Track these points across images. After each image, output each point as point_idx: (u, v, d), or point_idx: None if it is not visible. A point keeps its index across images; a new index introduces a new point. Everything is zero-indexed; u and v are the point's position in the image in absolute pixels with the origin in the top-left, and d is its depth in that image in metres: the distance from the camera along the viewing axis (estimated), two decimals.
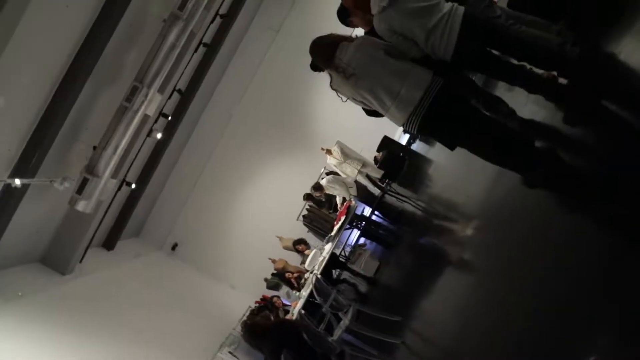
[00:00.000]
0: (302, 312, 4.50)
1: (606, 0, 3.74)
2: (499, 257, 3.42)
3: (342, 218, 7.76)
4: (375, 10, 3.19)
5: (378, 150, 11.45)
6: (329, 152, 9.94)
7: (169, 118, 10.19)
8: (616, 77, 3.05)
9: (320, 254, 8.32)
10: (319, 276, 5.26)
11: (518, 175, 3.29)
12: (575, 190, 2.89)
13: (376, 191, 8.33)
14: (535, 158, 3.15)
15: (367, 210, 8.50)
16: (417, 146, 10.74)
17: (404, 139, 11.27)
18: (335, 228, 8.00)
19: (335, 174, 10.69)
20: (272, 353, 3.65)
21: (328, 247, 8.12)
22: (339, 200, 8.64)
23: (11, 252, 7.77)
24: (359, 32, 3.88)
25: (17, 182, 6.05)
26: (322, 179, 10.01)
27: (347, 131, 11.46)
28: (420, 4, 3.11)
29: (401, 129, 3.52)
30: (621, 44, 3.22)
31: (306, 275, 8.83)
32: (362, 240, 9.59)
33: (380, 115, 3.47)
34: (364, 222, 8.21)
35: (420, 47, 3.20)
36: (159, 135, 9.99)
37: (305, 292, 7.49)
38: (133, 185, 10.04)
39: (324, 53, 3.33)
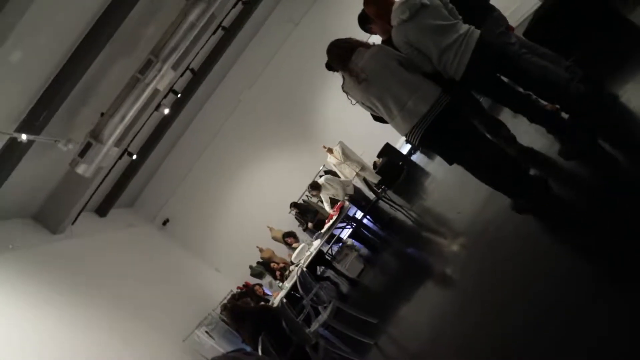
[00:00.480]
0: (284, 300, 4.63)
1: (616, 43, 3.87)
2: (479, 277, 3.55)
3: (334, 217, 7.88)
4: (395, 22, 3.31)
5: (378, 156, 11.57)
6: (330, 151, 10.07)
7: (179, 95, 10.27)
8: (615, 119, 3.18)
9: (307, 249, 8.44)
10: (304, 270, 5.38)
11: (508, 198, 3.42)
12: (560, 221, 3.02)
13: (371, 195, 8.44)
14: (526, 185, 3.28)
15: (360, 214, 8.62)
16: (417, 157, 10.87)
17: (405, 149, 11.39)
18: (326, 226, 8.13)
19: (333, 173, 10.81)
20: (251, 335, 3.78)
21: (316, 244, 8.24)
22: (327, 207, 8.75)
23: (7, 204, 7.87)
24: (376, 39, 3.99)
25: (24, 137, 6.14)
26: (320, 177, 10.11)
27: (351, 133, 11.57)
28: (438, 22, 3.22)
29: (404, 138, 3.64)
30: (625, 88, 3.36)
31: (291, 267, 8.94)
32: (350, 241, 9.71)
33: (386, 122, 3.59)
34: (354, 224, 8.33)
35: (433, 63, 3.32)
36: (166, 111, 10.08)
37: (288, 284, 7.60)
38: (134, 156, 10.13)
39: (341, 55, 3.44)
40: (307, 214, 10.69)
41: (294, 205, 10.92)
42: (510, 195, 3.39)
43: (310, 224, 9.77)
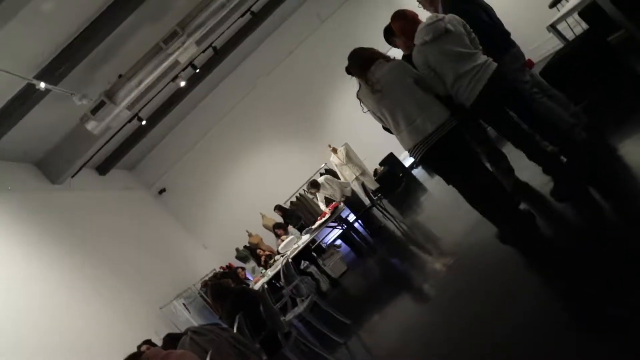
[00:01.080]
0: (266, 286, 4.78)
1: (625, 98, 4.01)
2: (455, 297, 3.69)
3: (327, 215, 8.03)
4: (418, 42, 3.44)
5: (380, 164, 11.73)
6: (334, 150, 10.21)
7: (197, 70, 10.38)
8: (609, 171, 3.32)
9: (296, 242, 8.59)
10: (290, 261, 5.53)
11: (495, 227, 3.58)
12: (539, 257, 3.17)
13: (366, 201, 8.59)
14: (514, 218, 3.43)
15: (352, 217, 8.76)
16: (417, 172, 11.01)
17: (407, 162, 11.53)
18: (318, 223, 8.27)
19: (333, 172, 10.95)
20: (228, 313, 3.93)
21: (305, 238, 8.39)
22: (322, 206, 8.90)
23: (13, 147, 8.00)
24: (396, 52, 4.12)
25: (42, 85, 6.27)
26: (321, 175, 10.25)
27: (358, 137, 11.71)
28: (458, 49, 3.36)
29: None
30: (624, 142, 3.51)
31: (276, 257, 9.09)
32: (338, 242, 9.87)
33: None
34: (345, 226, 8.47)
35: (447, 87, 3.46)
36: (182, 84, 10.21)
37: (270, 272, 7.75)
38: (143, 122, 10.26)
39: (361, 63, 3.57)
40: (292, 219, 10.84)
41: (278, 208, 11.04)
42: (498, 224, 3.54)
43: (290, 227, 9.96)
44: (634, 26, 4.15)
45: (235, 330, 3.32)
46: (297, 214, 11.04)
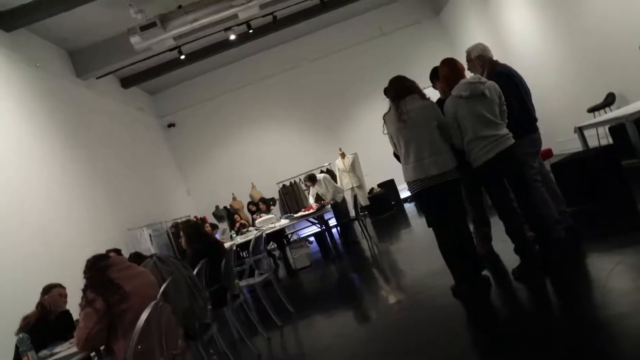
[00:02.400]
0: (235, 247, 5.04)
1: (617, 219, 4.30)
2: (394, 327, 3.95)
3: (312, 210, 8.29)
4: (455, 93, 3.71)
5: (378, 186, 12.03)
6: (343, 155, 10.46)
7: (250, 31, 10.64)
8: (570, 272, 3.59)
9: (273, 221, 8.85)
10: (264, 235, 5.80)
11: (453, 279, 3.86)
12: (478, 322, 3.45)
13: (352, 213, 8.84)
14: (473, 280, 3.72)
15: (333, 221, 9.02)
16: (408, 207, 11.30)
17: (403, 194, 11.82)
18: (301, 213, 8.53)
19: (332, 174, 11.21)
20: (194, 255, 4.19)
21: (283, 222, 8.66)
22: (311, 200, 9.16)
23: (57, 29, 8.25)
24: (432, 92, 4.39)
25: None
26: (320, 173, 10.51)
27: (368, 152, 11.98)
28: (486, 115, 3.63)
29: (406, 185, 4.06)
30: (592, 255, 3.80)
31: (250, 228, 9.36)
32: (311, 238, 10.15)
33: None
34: (323, 227, 8.73)
35: (463, 142, 3.73)
36: (232, 37, 10.47)
37: (240, 239, 8.01)
38: (182, 57, 10.50)
39: (399, 91, 3.83)
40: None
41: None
42: (456, 279, 3.82)
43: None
44: None
45: (194, 273, 3.57)
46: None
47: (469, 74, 4.05)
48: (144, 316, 2.15)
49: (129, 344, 2.54)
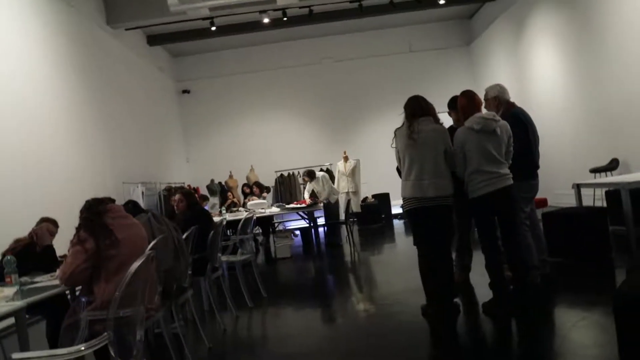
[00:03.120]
0: (224, 222, 5.16)
1: (589, 276, 4.44)
2: (357, 334, 4.07)
3: (304, 204, 8.42)
4: (467, 125, 3.84)
5: (373, 196, 12.16)
6: (346, 159, 10.58)
7: (285, 18, 10.76)
8: (534, 316, 3.73)
9: (264, 207, 8.98)
10: (254, 218, 5.91)
11: (425, 300, 4.00)
12: (439, 345, 3.59)
13: (342, 216, 8.97)
14: (443, 305, 3.85)
15: (322, 220, 9.15)
16: (397, 223, 11.44)
17: (396, 210, 11.96)
18: (293, 205, 8.66)
19: (331, 174, 11.33)
20: (187, 219, 4.31)
21: (274, 210, 8.79)
22: (306, 195, 9.29)
23: None
24: (445, 118, 4.51)
25: None
26: (320, 171, 10.63)
27: (372, 161, 12.13)
28: (492, 152, 3.76)
29: (401, 202, 4.20)
30: (561, 306, 3.94)
31: (240, 208, 9.48)
32: (297, 232, 10.27)
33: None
34: (312, 223, 8.86)
35: (465, 173, 3.87)
36: (265, 20, 10.59)
37: (229, 217, 8.12)
38: (213, 28, 10.61)
39: (415, 110, 3.95)
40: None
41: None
42: (427, 298, 3.96)
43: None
44: (634, 230, 4.57)
45: (183, 237, 3.69)
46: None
47: (484, 110, 4.18)
48: (135, 265, 2.26)
49: (110, 288, 2.67)
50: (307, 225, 9.10)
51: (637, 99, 7.32)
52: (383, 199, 12.01)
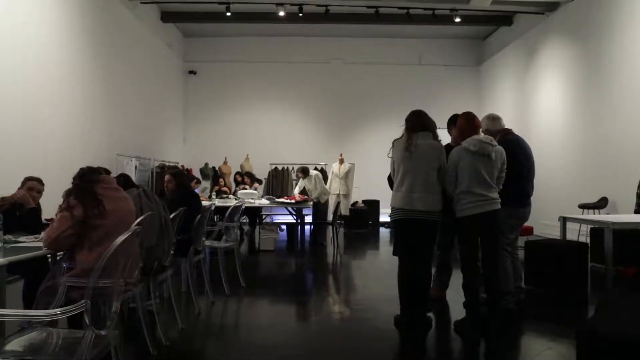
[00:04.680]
0: (213, 207, 5.19)
1: (563, 313, 4.52)
2: (330, 335, 4.12)
3: (294, 200, 8.46)
4: (464, 145, 3.90)
5: (363, 202, 12.23)
6: (341, 161, 10.65)
7: (300, 14, 10.80)
8: (505, 342, 3.80)
9: (254, 197, 9.02)
10: (243, 207, 5.95)
11: (399, 310, 4.06)
12: (408, 356, 3.65)
13: (329, 217, 9.03)
14: (416, 317, 3.92)
15: (309, 218, 9.20)
16: (383, 231, 11.51)
17: (383, 217, 12.03)
18: (282, 200, 8.70)
19: (324, 174, 11.38)
20: (176, 199, 4.34)
21: (263, 201, 8.83)
22: (296, 190, 9.35)
23: None
24: (444, 133, 4.57)
25: None
26: (314, 169, 10.67)
27: (367, 167, 12.19)
28: (484, 175, 3.82)
29: (389, 211, 4.27)
30: (532, 334, 4.02)
31: (230, 196, 9.51)
32: (283, 226, 10.31)
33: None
34: (298, 220, 8.90)
35: (455, 192, 3.93)
36: (281, 13, 10.63)
37: (218, 202, 8.14)
38: (228, 13, 10.64)
39: (416, 124, 4.00)
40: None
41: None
42: (401, 308, 4.02)
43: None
44: (613, 269, 4.67)
45: (170, 216, 3.72)
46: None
47: (482, 134, 4.25)
48: (121, 238, 2.29)
49: (92, 257, 2.70)
50: (294, 221, 9.14)
51: (632, 145, 7.45)
52: (372, 206, 12.08)
